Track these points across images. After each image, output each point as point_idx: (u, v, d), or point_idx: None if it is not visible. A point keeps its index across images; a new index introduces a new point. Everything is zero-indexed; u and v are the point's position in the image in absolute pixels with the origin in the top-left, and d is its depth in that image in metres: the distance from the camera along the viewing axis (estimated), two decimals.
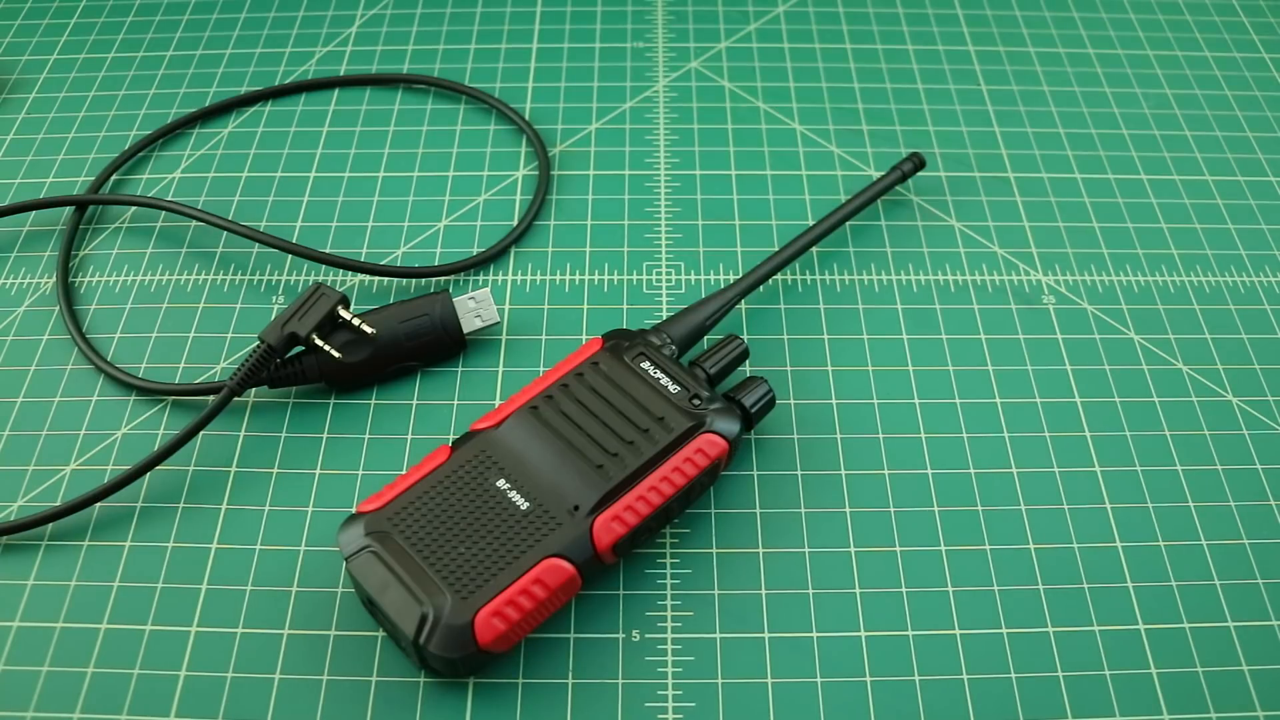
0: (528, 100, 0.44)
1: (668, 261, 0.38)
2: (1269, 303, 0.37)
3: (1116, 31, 0.47)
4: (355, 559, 0.27)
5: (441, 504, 0.28)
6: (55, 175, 0.41)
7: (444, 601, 0.26)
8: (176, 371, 0.35)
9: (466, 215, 0.39)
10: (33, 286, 0.38)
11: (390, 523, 0.27)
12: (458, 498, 0.28)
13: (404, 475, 0.29)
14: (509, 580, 0.26)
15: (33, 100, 0.44)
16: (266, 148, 0.42)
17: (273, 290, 0.37)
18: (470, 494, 0.28)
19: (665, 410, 0.30)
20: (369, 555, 0.27)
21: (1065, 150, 0.42)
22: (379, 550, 0.27)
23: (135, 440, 0.33)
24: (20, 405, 0.34)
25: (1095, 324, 0.36)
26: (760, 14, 0.48)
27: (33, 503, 0.32)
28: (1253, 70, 0.46)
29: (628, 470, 0.28)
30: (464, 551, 0.27)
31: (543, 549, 0.27)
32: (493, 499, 0.28)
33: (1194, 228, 0.39)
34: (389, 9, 0.48)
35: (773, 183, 0.40)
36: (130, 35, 0.47)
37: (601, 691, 0.28)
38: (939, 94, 0.44)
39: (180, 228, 0.39)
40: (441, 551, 0.27)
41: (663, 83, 0.44)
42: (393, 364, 0.34)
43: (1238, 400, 0.34)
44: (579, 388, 0.30)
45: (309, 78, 0.45)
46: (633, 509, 0.28)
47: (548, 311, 0.36)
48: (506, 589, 0.26)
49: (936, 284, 0.37)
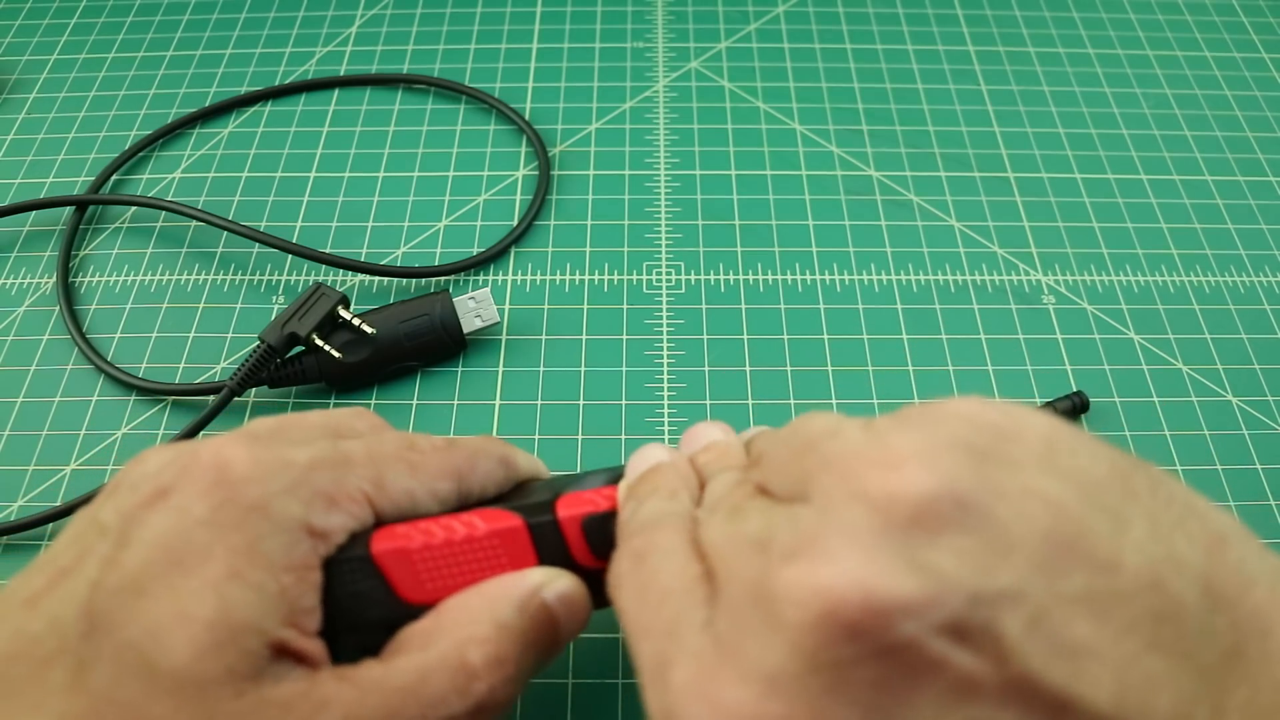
0: (528, 100, 0.44)
1: (668, 261, 0.38)
2: (1269, 303, 0.37)
3: (1116, 31, 0.47)
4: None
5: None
6: (55, 175, 0.41)
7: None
8: (176, 371, 0.35)
9: (466, 215, 0.39)
10: (33, 286, 0.38)
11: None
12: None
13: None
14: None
15: (33, 100, 0.44)
16: (266, 148, 0.42)
17: (273, 290, 0.37)
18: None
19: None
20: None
21: (1065, 150, 0.42)
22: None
23: (135, 440, 0.33)
24: (20, 405, 0.34)
25: (1095, 324, 0.36)
26: (760, 14, 0.48)
27: (33, 503, 0.32)
28: (1253, 70, 0.46)
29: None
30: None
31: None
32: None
33: (1194, 228, 0.39)
34: (389, 9, 0.48)
35: (773, 183, 0.40)
36: (130, 35, 0.47)
37: (602, 691, 0.28)
38: (939, 94, 0.44)
39: (180, 228, 0.39)
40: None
41: (663, 83, 0.44)
42: (393, 364, 0.34)
43: (1238, 400, 0.34)
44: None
45: (309, 78, 0.45)
46: (607, 495, 0.24)
47: (548, 311, 0.36)
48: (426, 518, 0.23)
49: (936, 284, 0.37)
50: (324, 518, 0.21)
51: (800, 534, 0.16)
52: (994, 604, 0.15)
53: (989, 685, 0.15)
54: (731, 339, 0.36)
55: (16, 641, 0.19)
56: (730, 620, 0.17)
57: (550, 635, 0.22)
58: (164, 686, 0.18)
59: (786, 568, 0.16)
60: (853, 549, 0.15)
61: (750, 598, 0.16)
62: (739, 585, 0.17)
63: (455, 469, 0.23)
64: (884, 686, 0.15)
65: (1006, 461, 0.16)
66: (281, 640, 0.19)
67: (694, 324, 0.36)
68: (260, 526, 0.20)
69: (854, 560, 0.15)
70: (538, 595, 0.21)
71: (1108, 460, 0.17)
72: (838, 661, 0.15)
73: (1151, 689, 0.15)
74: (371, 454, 0.22)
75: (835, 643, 0.15)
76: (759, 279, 0.37)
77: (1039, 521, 0.15)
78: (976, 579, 0.15)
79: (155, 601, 0.19)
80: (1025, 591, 0.15)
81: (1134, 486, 0.16)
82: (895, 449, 0.16)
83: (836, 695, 0.15)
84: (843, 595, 0.15)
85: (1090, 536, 0.15)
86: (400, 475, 0.22)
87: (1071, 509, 0.15)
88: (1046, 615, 0.15)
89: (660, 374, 0.35)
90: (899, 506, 0.15)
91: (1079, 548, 0.15)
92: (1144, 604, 0.15)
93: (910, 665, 0.15)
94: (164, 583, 0.19)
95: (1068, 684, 0.14)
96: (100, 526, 0.20)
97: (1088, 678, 0.14)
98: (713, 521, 0.19)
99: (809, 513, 0.17)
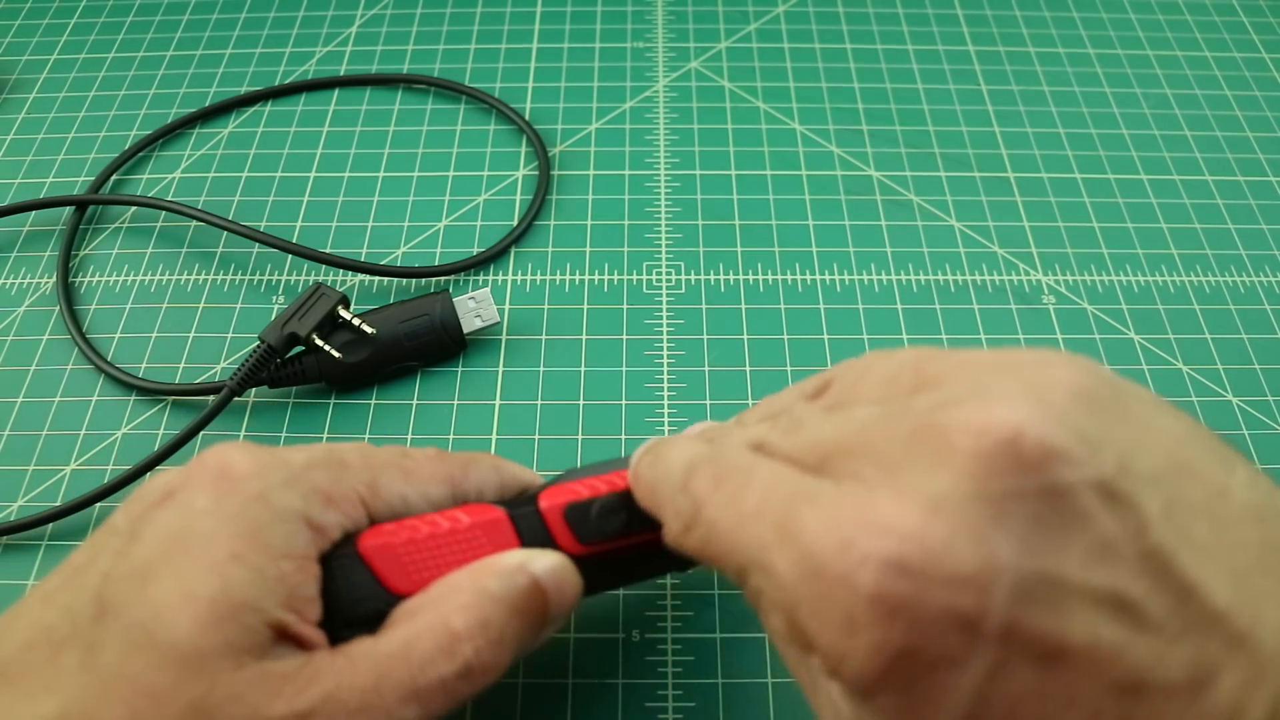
0: (528, 100, 0.44)
1: (668, 261, 0.38)
2: (1269, 303, 0.37)
3: (1116, 31, 0.47)
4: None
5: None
6: (55, 175, 0.41)
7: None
8: (176, 371, 0.35)
9: (466, 215, 0.39)
10: (33, 286, 0.38)
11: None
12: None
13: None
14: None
15: (33, 100, 0.44)
16: (266, 148, 0.42)
17: (273, 290, 0.37)
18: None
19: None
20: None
21: (1065, 150, 0.42)
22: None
23: (135, 440, 0.33)
24: (20, 405, 0.34)
25: (1095, 324, 0.36)
26: (760, 14, 0.48)
27: (33, 503, 0.32)
28: (1253, 70, 0.46)
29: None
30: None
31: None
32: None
33: (1194, 228, 0.39)
34: (389, 9, 0.48)
35: (773, 183, 0.40)
36: (130, 35, 0.47)
37: (601, 691, 0.28)
38: (939, 94, 0.44)
39: (180, 228, 0.39)
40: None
41: (663, 83, 0.44)
42: (393, 364, 0.34)
43: (1238, 400, 0.34)
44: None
45: (309, 78, 0.45)
46: (589, 485, 0.24)
47: (548, 311, 0.36)
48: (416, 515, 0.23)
49: (936, 284, 0.37)
50: (321, 513, 0.22)
51: (961, 391, 0.17)
52: (1138, 479, 0.16)
53: (1127, 553, 0.15)
54: (731, 339, 0.36)
55: (32, 631, 0.20)
56: (877, 465, 0.17)
57: (538, 605, 0.22)
58: (168, 659, 0.19)
59: (959, 406, 0.16)
60: (1024, 400, 0.16)
61: (904, 440, 0.17)
62: (883, 438, 0.17)
63: (448, 475, 0.24)
64: (1041, 526, 0.15)
65: (1133, 392, 0.17)
66: (282, 623, 0.20)
67: (694, 324, 0.36)
68: (261, 515, 0.21)
69: (1028, 406, 0.16)
70: (524, 568, 0.22)
71: (1193, 419, 0.18)
72: (1005, 492, 0.15)
73: (1263, 600, 0.15)
74: (366, 459, 0.23)
75: (1006, 472, 0.15)
76: (759, 279, 0.37)
77: (1166, 439, 0.17)
78: (1127, 454, 0.16)
79: (161, 583, 0.20)
80: (1162, 480, 0.16)
81: (1222, 442, 0.18)
82: (1038, 354, 0.18)
83: (998, 524, 0.15)
84: (1020, 428, 0.16)
85: (1205, 464, 0.17)
86: (394, 479, 0.23)
87: (1188, 439, 0.17)
88: (1177, 508, 0.16)
89: (660, 374, 0.35)
90: (1059, 385, 0.16)
91: (1197, 470, 0.16)
92: (1252, 532, 0.16)
93: (1065, 512, 0.15)
94: (169, 567, 0.20)
95: (1195, 570, 0.15)
96: (112, 528, 0.22)
97: (1210, 570, 0.15)
98: (810, 423, 0.20)
99: (958, 387, 0.17)
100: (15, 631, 0.20)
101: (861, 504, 0.16)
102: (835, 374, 0.21)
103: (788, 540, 0.17)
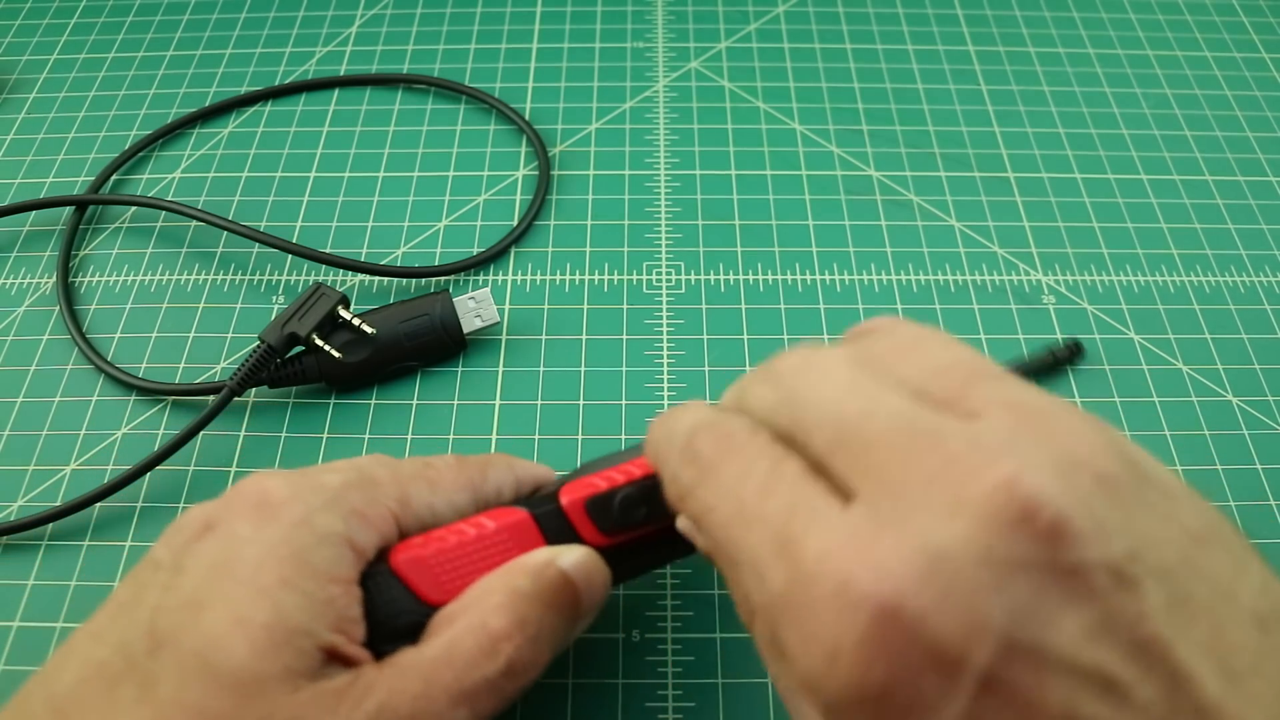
0: (528, 100, 0.44)
1: (668, 261, 0.38)
2: (1269, 303, 0.37)
3: (1116, 31, 0.47)
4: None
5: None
6: (55, 175, 0.41)
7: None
8: (176, 371, 0.35)
9: (466, 215, 0.39)
10: (33, 286, 0.38)
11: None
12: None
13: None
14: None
15: (33, 100, 0.44)
16: (266, 148, 0.42)
17: (273, 290, 0.37)
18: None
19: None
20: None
21: (1065, 150, 0.42)
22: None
23: (135, 440, 0.33)
24: (20, 405, 0.34)
25: (1095, 324, 0.36)
26: (760, 14, 0.48)
27: (33, 503, 0.32)
28: (1253, 70, 0.46)
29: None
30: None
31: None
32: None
33: (1194, 228, 0.39)
34: (389, 9, 0.48)
35: (773, 183, 0.40)
36: (130, 35, 0.47)
37: (601, 691, 0.28)
38: (939, 94, 0.44)
39: (180, 228, 0.39)
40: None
41: (663, 83, 0.44)
42: (393, 364, 0.34)
43: (1238, 400, 0.34)
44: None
45: (309, 78, 0.45)
46: (607, 476, 0.25)
47: (548, 311, 0.36)
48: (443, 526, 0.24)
49: (936, 284, 0.37)
50: (361, 534, 0.22)
51: (996, 441, 0.17)
52: (1146, 570, 0.16)
53: (1124, 636, 0.15)
54: (731, 339, 0.36)
55: (85, 668, 0.20)
56: (893, 495, 0.17)
57: (571, 598, 0.23)
58: (226, 685, 0.19)
59: (989, 463, 0.16)
60: (1051, 473, 0.16)
61: (926, 475, 0.17)
62: (899, 467, 0.17)
63: (469, 481, 0.25)
64: (1040, 596, 0.15)
65: (1158, 482, 0.17)
66: (332, 645, 0.21)
67: (694, 324, 0.36)
68: (306, 540, 0.21)
69: (1053, 480, 0.16)
70: (552, 564, 0.23)
71: (1217, 513, 0.18)
72: (1010, 559, 0.15)
73: (1255, 703, 0.15)
74: (394, 474, 0.24)
75: (1017, 540, 0.15)
76: (759, 279, 0.37)
77: (1180, 535, 0.17)
78: (1139, 545, 0.16)
79: (213, 612, 0.20)
80: (1170, 575, 0.16)
81: (1242, 542, 0.18)
82: (1077, 424, 0.17)
83: (995, 593, 0.15)
84: (1043, 499, 0.15)
85: (1216, 565, 0.16)
86: (422, 492, 0.24)
87: (1205, 537, 0.17)
88: (1180, 604, 0.16)
89: (660, 374, 0.35)
90: (1087, 466, 0.16)
91: (1206, 570, 0.16)
92: (1252, 638, 0.16)
93: (1067, 588, 0.15)
94: (220, 595, 0.20)
95: (1191, 662, 0.15)
96: (155, 563, 0.22)
97: (1206, 665, 0.15)
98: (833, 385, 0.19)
99: (994, 434, 0.17)
100: (68, 670, 0.20)
101: (866, 541, 0.16)
102: (878, 327, 0.21)
103: (785, 557, 0.17)
